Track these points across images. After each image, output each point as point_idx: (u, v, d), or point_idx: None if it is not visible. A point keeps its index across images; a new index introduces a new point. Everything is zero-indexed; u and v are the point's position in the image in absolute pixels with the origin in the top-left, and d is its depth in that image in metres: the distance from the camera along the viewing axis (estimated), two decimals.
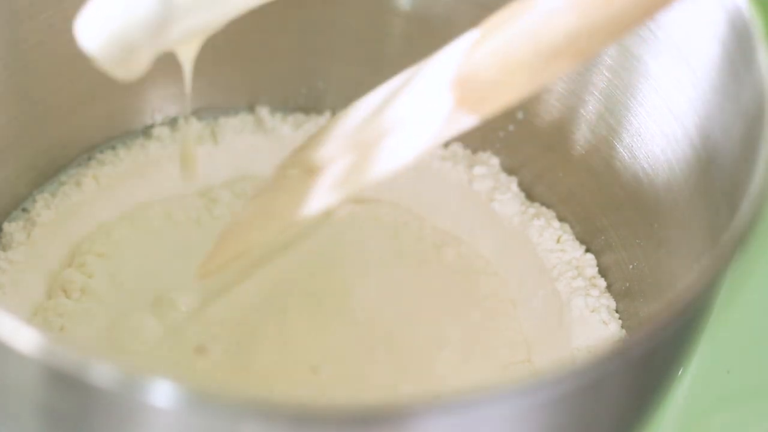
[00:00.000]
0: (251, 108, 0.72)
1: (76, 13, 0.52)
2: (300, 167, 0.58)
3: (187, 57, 0.58)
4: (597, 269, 0.66)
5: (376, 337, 0.63)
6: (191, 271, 0.63)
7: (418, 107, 0.54)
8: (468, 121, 0.52)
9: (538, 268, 0.66)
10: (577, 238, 0.67)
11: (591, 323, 0.63)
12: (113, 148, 0.69)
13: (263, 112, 0.72)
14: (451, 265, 0.67)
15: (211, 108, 0.71)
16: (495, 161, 0.70)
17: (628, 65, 0.63)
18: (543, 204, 0.69)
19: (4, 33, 0.63)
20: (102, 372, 0.43)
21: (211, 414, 0.43)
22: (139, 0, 0.51)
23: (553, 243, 0.67)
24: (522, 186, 0.69)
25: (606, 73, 0.64)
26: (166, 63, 0.56)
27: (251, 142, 0.70)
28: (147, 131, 0.70)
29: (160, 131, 0.70)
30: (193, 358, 0.61)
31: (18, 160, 0.66)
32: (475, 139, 0.70)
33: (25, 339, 0.44)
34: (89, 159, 0.69)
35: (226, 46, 0.64)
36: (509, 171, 0.70)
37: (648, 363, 0.50)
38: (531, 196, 0.69)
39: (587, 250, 0.67)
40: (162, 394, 0.43)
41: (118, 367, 0.43)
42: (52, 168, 0.68)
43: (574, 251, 0.66)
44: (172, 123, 0.71)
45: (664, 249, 0.62)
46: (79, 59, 0.53)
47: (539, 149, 0.69)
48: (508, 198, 0.68)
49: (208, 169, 0.68)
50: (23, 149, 0.66)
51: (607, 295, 0.65)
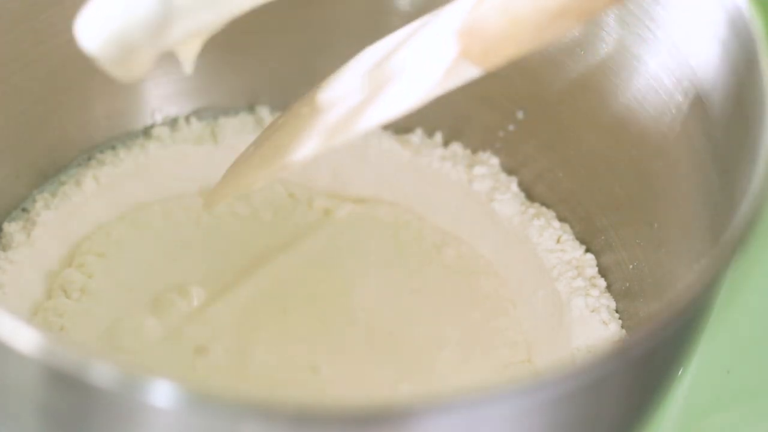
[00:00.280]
0: (251, 108, 0.72)
1: (76, 13, 0.52)
2: (311, 106, 0.58)
3: (187, 57, 0.58)
4: (597, 269, 0.66)
5: (376, 337, 0.63)
6: (191, 271, 0.63)
7: (424, 54, 0.55)
8: (471, 71, 0.53)
9: (538, 268, 0.66)
10: (577, 238, 0.67)
11: (591, 323, 0.63)
12: (113, 148, 0.69)
13: (263, 112, 0.72)
14: (451, 265, 0.66)
15: (211, 108, 0.71)
16: (495, 161, 0.70)
17: (628, 65, 0.63)
18: (543, 204, 0.69)
19: (4, 33, 0.63)
20: (102, 372, 0.43)
21: (211, 414, 0.43)
22: (139, 0, 0.51)
23: (553, 243, 0.67)
24: (522, 186, 0.69)
25: (606, 73, 0.64)
26: (166, 63, 0.56)
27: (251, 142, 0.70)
28: (147, 131, 0.70)
29: (160, 131, 0.70)
30: (193, 358, 0.61)
31: (18, 160, 0.66)
32: (475, 139, 0.70)
33: (25, 339, 0.44)
34: (89, 159, 0.69)
35: (226, 46, 0.64)
36: (509, 171, 0.70)
37: (648, 363, 0.50)
38: (531, 196, 0.69)
39: (587, 250, 0.67)
40: (162, 394, 0.43)
41: (118, 367, 0.43)
42: (52, 168, 0.68)
43: (574, 251, 0.66)
44: (172, 123, 0.71)
45: (664, 249, 0.62)
46: (79, 59, 0.53)
47: (539, 149, 0.69)
48: (508, 198, 0.68)
49: (208, 169, 0.68)
50: (23, 149, 0.66)
51: (607, 295, 0.65)
